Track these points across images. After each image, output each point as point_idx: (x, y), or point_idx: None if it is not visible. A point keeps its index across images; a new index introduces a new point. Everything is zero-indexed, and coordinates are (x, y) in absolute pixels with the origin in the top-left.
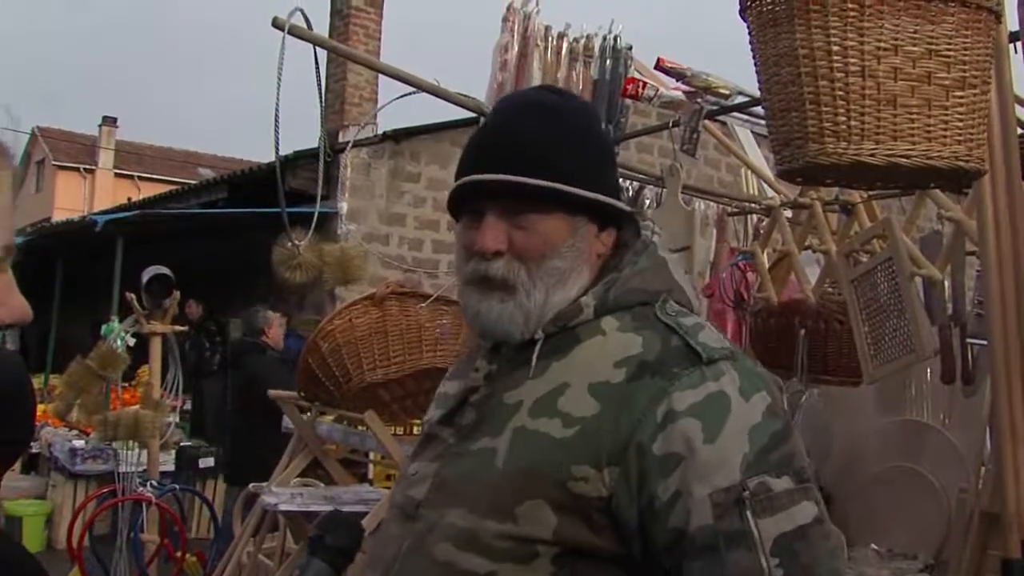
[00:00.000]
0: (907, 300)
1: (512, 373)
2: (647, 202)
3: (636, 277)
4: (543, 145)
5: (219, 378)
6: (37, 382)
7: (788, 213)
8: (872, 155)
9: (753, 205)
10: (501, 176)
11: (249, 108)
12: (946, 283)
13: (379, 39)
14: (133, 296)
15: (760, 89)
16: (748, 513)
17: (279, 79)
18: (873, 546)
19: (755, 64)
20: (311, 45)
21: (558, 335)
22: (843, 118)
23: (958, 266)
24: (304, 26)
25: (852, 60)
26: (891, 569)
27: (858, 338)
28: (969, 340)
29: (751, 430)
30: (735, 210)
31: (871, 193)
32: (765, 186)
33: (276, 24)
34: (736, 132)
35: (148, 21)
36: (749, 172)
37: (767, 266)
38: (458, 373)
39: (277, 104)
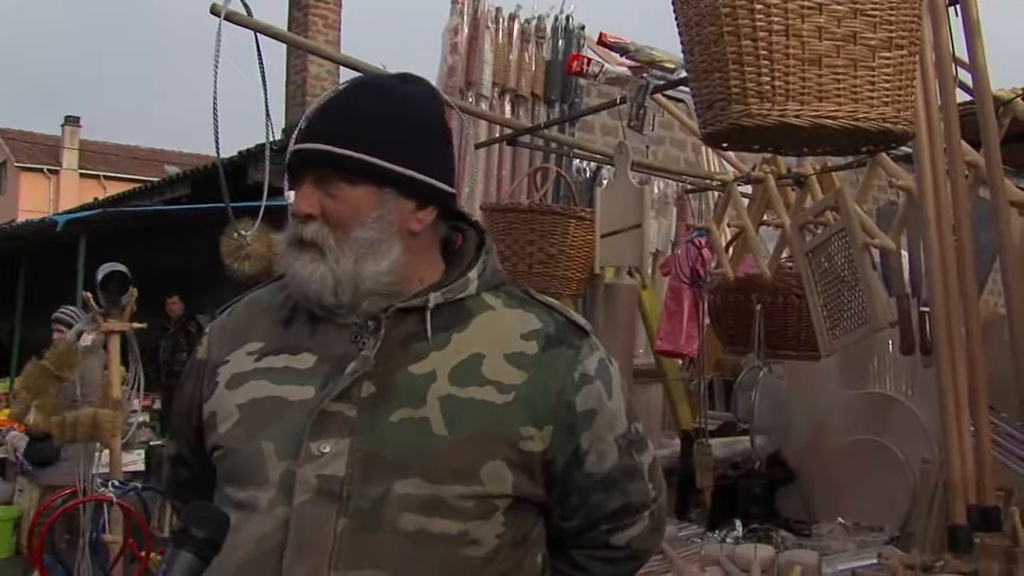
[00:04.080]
0: (860, 271)
1: (407, 346)
2: (604, 182)
3: (494, 260)
4: (360, 119)
5: None
6: (2, 387)
7: (747, 188)
8: (797, 116)
9: (709, 182)
10: (311, 145)
11: (220, 104)
12: (904, 253)
13: (338, 29)
14: (89, 294)
15: (683, 51)
16: (634, 452)
17: (216, 68)
18: (840, 519)
19: (678, 26)
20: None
21: (445, 307)
22: (767, 78)
23: (914, 236)
24: (244, 12)
25: (775, 19)
26: (857, 542)
27: (814, 311)
28: (923, 310)
29: (621, 387)
30: (692, 187)
31: (825, 165)
32: (726, 164)
33: (213, 11)
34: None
35: (113, 16)
36: (709, 150)
37: (724, 242)
38: (289, 347)
39: (215, 95)
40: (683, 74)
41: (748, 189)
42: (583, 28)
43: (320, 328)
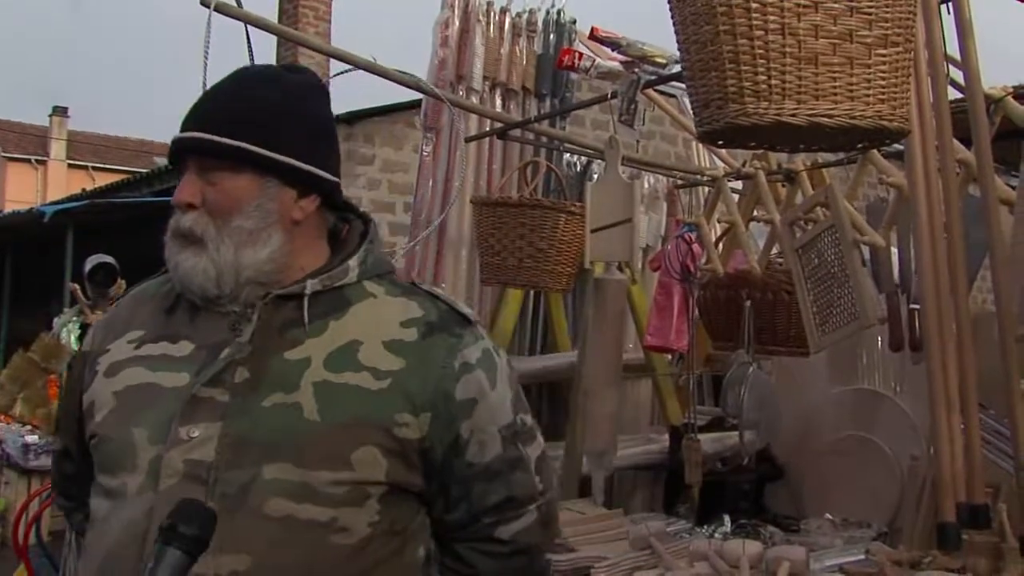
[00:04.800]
0: (850, 267)
1: (284, 332)
2: (595, 176)
3: (379, 249)
4: (241, 108)
5: None
6: None
7: (738, 184)
8: (793, 115)
9: (700, 177)
10: (192, 133)
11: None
12: (894, 250)
13: (329, 21)
14: (76, 286)
15: (679, 49)
16: (519, 443)
17: (205, 59)
18: (828, 515)
19: (674, 24)
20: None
21: (324, 294)
22: (763, 77)
23: (904, 233)
24: (234, 3)
25: (772, 17)
26: (845, 538)
27: (803, 307)
28: (912, 306)
29: (509, 379)
30: (682, 182)
31: (815, 162)
32: (717, 159)
33: (203, 1)
34: (687, 105)
35: (104, 6)
36: (700, 145)
37: (714, 237)
38: (169, 335)
39: (204, 87)
40: (674, 69)
41: (738, 185)
42: (575, 22)
43: (200, 316)
